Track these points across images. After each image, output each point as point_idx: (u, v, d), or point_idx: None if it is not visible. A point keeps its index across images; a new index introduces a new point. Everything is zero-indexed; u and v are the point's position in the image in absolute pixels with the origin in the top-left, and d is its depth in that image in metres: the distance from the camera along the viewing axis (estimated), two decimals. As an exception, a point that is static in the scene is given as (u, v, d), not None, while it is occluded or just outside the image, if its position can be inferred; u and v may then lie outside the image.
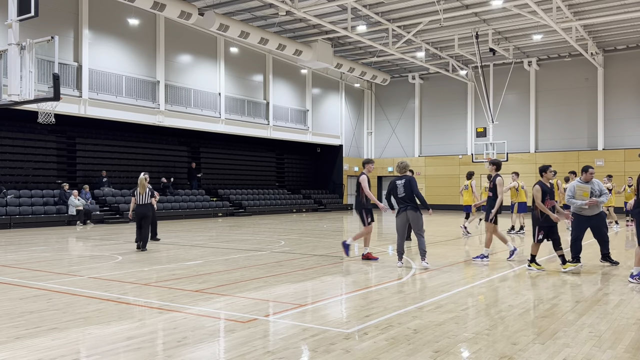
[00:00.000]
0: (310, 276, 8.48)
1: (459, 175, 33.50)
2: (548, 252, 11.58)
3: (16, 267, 9.58)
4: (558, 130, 30.65)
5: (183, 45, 24.70)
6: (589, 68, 29.59)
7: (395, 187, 9.56)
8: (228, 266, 9.58)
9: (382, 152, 36.80)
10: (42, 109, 11.77)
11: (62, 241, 14.52)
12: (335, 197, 34.31)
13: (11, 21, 10.28)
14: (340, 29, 23.59)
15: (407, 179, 9.46)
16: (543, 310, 6.13)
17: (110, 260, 10.37)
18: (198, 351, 4.64)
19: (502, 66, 31.90)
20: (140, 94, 22.62)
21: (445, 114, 34.25)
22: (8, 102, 10.36)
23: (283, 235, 15.79)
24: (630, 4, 21.91)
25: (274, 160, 33.67)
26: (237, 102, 27.18)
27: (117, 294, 7.01)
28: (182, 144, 28.15)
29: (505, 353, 4.57)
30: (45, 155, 22.28)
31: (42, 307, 6.28)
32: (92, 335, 5.11)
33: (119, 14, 22.01)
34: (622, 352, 4.62)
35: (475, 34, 25.42)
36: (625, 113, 28.82)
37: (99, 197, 22.56)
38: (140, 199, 12.37)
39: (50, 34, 11.60)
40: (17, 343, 4.86)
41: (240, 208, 27.78)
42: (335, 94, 34.47)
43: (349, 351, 4.61)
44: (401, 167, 9.79)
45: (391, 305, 6.37)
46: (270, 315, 5.94)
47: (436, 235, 15.87)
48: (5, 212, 18.84)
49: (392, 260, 10.41)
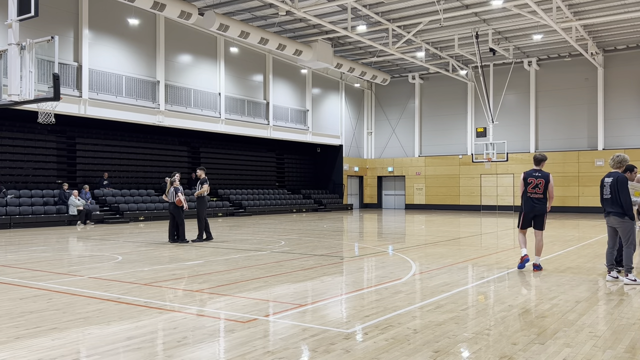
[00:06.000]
0: (310, 276, 8.48)
1: (459, 175, 33.52)
2: (548, 252, 11.59)
3: (16, 267, 9.58)
4: (558, 130, 30.65)
5: (183, 45, 24.70)
6: (589, 68, 29.59)
7: (602, 186, 8.06)
8: (228, 266, 9.57)
9: (382, 152, 36.80)
10: (42, 109, 11.77)
11: (62, 241, 14.52)
12: (335, 197, 34.31)
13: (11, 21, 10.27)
14: (340, 29, 23.58)
15: (616, 178, 7.84)
16: (543, 310, 6.13)
17: (110, 260, 10.37)
18: (198, 351, 4.64)
19: (502, 66, 31.91)
20: (140, 94, 22.62)
21: (445, 114, 34.25)
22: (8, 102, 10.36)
23: (283, 235, 15.79)
24: (630, 4, 21.91)
25: (274, 160, 33.67)
26: (237, 102, 27.18)
27: (117, 294, 7.01)
28: (182, 144, 28.15)
29: (505, 353, 4.56)
30: (45, 155, 22.28)
31: (42, 307, 6.28)
32: (92, 335, 5.11)
33: (119, 14, 22.02)
34: (622, 352, 4.61)
35: (475, 34, 25.42)
36: (625, 113, 28.82)
37: (99, 197, 22.57)
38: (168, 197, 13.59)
39: (50, 34, 11.61)
40: (17, 343, 4.86)
41: (240, 208, 27.78)
42: (335, 94, 34.47)
43: (349, 351, 4.61)
44: (616, 162, 8.06)
45: (391, 305, 6.37)
46: (270, 315, 5.94)
47: (436, 235, 15.87)
48: (5, 212, 18.84)
49: (392, 259, 10.41)
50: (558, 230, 17.50)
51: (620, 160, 7.95)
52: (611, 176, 7.92)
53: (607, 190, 7.89)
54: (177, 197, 13.37)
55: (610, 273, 8.04)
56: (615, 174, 7.89)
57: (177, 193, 13.37)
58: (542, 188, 8.82)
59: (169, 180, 13.73)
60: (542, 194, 8.84)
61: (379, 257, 10.81)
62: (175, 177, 13.65)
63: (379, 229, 18.78)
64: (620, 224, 7.77)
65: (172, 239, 13.54)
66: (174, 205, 13.40)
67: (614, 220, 7.85)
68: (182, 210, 13.49)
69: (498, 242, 13.96)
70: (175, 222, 13.53)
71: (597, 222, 21.42)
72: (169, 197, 13.52)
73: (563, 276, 8.48)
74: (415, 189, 35.15)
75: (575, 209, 29.54)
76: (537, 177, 8.91)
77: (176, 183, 13.57)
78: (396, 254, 11.44)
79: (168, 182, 13.73)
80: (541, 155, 9.16)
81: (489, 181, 32.53)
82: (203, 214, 13.96)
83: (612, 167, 8.04)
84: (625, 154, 8.01)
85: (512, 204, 31.08)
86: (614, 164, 8.01)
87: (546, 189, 8.87)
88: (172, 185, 13.53)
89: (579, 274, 8.73)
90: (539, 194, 8.86)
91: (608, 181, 7.90)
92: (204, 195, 13.93)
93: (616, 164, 7.99)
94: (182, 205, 13.48)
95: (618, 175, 7.85)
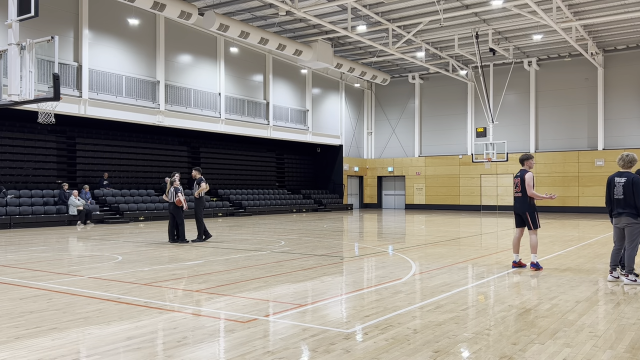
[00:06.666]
0: (310, 276, 8.48)
1: (459, 175, 33.51)
2: (548, 252, 11.59)
3: (16, 267, 9.58)
4: (558, 130, 30.66)
5: (183, 45, 24.70)
6: (589, 68, 29.59)
7: (611, 186, 7.83)
8: (228, 266, 9.57)
9: (382, 152, 36.80)
10: (42, 109, 11.77)
11: (62, 241, 14.52)
12: (335, 197, 34.31)
13: (11, 21, 10.27)
14: (340, 29, 23.58)
15: (630, 178, 7.62)
16: (543, 310, 6.12)
17: (110, 260, 10.37)
18: (198, 351, 4.64)
19: (502, 66, 31.91)
20: (140, 94, 22.62)
21: (445, 114, 34.25)
22: (8, 102, 10.36)
23: (283, 235, 15.79)
24: (630, 4, 21.91)
25: (274, 160, 33.67)
26: (237, 102, 27.19)
27: (117, 294, 7.01)
28: (182, 144, 28.15)
29: (505, 353, 4.56)
30: (45, 155, 22.28)
31: (42, 307, 6.28)
32: (92, 335, 5.11)
33: (119, 14, 22.02)
34: (622, 352, 4.61)
35: (475, 34, 25.42)
36: (625, 113, 28.82)
37: (99, 197, 22.57)
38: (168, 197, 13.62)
39: (50, 34, 11.61)
40: (17, 343, 4.86)
41: (240, 208, 27.78)
42: (335, 94, 34.47)
43: (349, 351, 4.61)
44: (626, 161, 7.82)
45: (391, 305, 6.37)
46: (270, 315, 5.94)
47: (436, 235, 15.87)
48: (5, 212, 18.84)
49: (392, 259, 10.42)
50: (558, 230, 17.50)
51: (630, 160, 7.78)
52: (624, 176, 7.71)
53: (619, 190, 7.69)
54: (177, 197, 13.41)
55: (612, 273, 8.04)
56: (629, 175, 7.69)
57: (177, 193, 13.43)
58: (520, 187, 9.14)
59: (168, 181, 13.76)
60: (521, 193, 9.16)
61: (379, 257, 10.81)
62: (175, 177, 13.71)
63: (379, 229, 18.78)
64: (632, 225, 7.63)
65: (172, 239, 13.54)
66: (173, 205, 13.46)
67: (625, 220, 7.68)
68: (182, 210, 13.52)
69: (498, 242, 13.96)
70: (175, 222, 13.57)
71: (597, 222, 21.43)
72: (169, 197, 13.56)
73: (563, 276, 8.48)
74: (415, 189, 35.15)
75: (575, 209, 29.54)
76: (516, 177, 9.31)
77: (176, 183, 13.63)
78: (396, 254, 11.44)
79: (168, 182, 13.77)
80: (523, 154, 9.48)
81: (489, 181, 32.53)
82: (201, 214, 13.97)
83: (622, 167, 7.85)
84: (634, 153, 7.96)
85: (512, 204, 31.04)
86: (624, 164, 7.82)
87: (523, 187, 9.08)
88: (172, 185, 13.58)
89: (579, 274, 8.73)
90: (517, 192, 9.23)
91: (620, 181, 7.70)
92: (202, 196, 13.93)
93: (626, 164, 7.80)
94: (182, 206, 13.51)
95: (633, 176, 7.65)
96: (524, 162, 9.35)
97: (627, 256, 7.76)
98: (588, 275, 8.56)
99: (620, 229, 7.91)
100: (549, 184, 30.39)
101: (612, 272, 8.05)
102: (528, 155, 9.40)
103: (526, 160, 9.33)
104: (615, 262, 8.07)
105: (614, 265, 8.07)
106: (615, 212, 7.85)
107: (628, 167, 7.88)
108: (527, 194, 9.07)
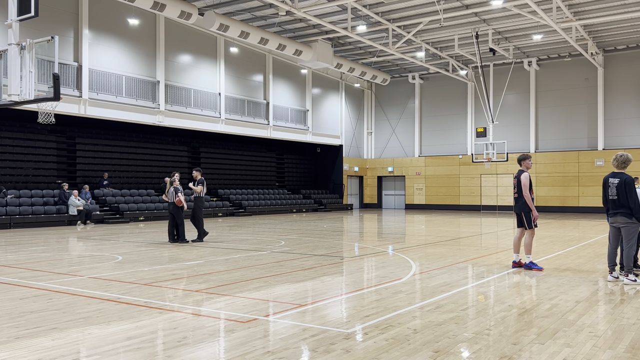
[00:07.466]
0: (310, 276, 8.48)
1: (459, 175, 33.52)
2: (548, 252, 11.59)
3: (16, 267, 9.58)
4: (558, 130, 30.65)
5: (183, 45, 24.70)
6: (589, 68, 29.59)
7: (606, 186, 7.89)
8: (228, 266, 9.57)
9: (382, 152, 36.80)
10: (42, 109, 11.77)
11: (62, 241, 14.52)
12: (335, 197, 34.31)
13: (11, 21, 10.27)
14: (340, 29, 23.58)
15: (623, 180, 7.70)
16: (543, 310, 6.12)
17: (110, 260, 10.37)
18: (198, 351, 4.64)
19: (502, 66, 31.91)
20: (140, 94, 22.62)
21: (445, 114, 34.25)
22: (8, 102, 10.36)
23: (283, 235, 15.79)
24: (630, 4, 21.91)
25: (274, 160, 33.67)
26: (237, 102, 27.19)
27: (117, 294, 7.01)
28: (182, 144, 28.15)
29: (505, 353, 4.56)
30: (45, 155, 22.28)
31: (42, 307, 6.28)
32: (92, 335, 5.11)
33: (119, 14, 22.02)
34: (622, 352, 4.61)
35: (475, 34, 25.42)
36: (625, 113, 28.82)
37: (99, 197, 22.57)
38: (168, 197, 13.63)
39: (50, 34, 11.61)
40: (17, 343, 4.86)
41: (240, 208, 27.78)
42: (335, 94, 34.47)
43: (349, 351, 4.61)
44: (620, 162, 7.88)
45: (391, 305, 6.37)
46: (270, 315, 5.94)
47: (436, 235, 15.87)
48: (5, 212, 18.84)
49: (392, 259, 10.42)
50: (558, 230, 17.50)
51: (624, 160, 7.82)
52: (617, 177, 7.78)
53: (613, 191, 7.77)
54: (177, 197, 13.42)
55: (612, 273, 8.05)
56: (622, 175, 7.76)
57: (177, 193, 13.44)
58: (516, 187, 9.21)
59: (168, 181, 13.77)
60: (517, 193, 9.22)
61: (379, 257, 10.81)
62: (175, 177, 13.72)
63: (379, 229, 18.78)
64: (627, 224, 7.69)
65: (172, 239, 13.55)
66: (173, 205, 13.47)
67: (620, 220, 7.74)
68: (181, 210, 13.53)
69: (498, 242, 13.97)
70: (175, 222, 13.57)
71: (597, 222, 21.43)
72: (169, 197, 13.57)
73: (563, 276, 8.48)
74: (415, 189, 35.15)
75: (575, 209, 29.54)
76: (514, 178, 9.38)
77: (176, 183, 13.64)
78: (396, 254, 11.44)
79: (168, 182, 13.78)
80: (520, 155, 9.53)
81: (489, 181, 32.53)
82: (200, 214, 13.97)
83: (616, 167, 7.90)
84: (629, 154, 7.98)
85: (512, 204, 31.06)
86: (618, 164, 7.87)
87: (519, 188, 9.13)
88: (172, 185, 13.59)
89: (579, 274, 8.73)
90: (515, 193, 9.31)
91: (614, 182, 7.77)
92: (201, 196, 13.93)
93: (620, 164, 7.85)
94: (182, 205, 13.51)
95: (625, 177, 7.71)
96: (521, 163, 9.40)
97: (626, 256, 7.79)
98: (588, 275, 8.56)
99: (617, 228, 7.99)
100: (549, 184, 30.40)
101: (611, 272, 8.06)
102: (525, 156, 9.43)
103: (523, 160, 9.37)
104: (613, 262, 8.09)
105: (612, 265, 8.09)
106: (611, 211, 7.94)
107: (622, 167, 7.92)
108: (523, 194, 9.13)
